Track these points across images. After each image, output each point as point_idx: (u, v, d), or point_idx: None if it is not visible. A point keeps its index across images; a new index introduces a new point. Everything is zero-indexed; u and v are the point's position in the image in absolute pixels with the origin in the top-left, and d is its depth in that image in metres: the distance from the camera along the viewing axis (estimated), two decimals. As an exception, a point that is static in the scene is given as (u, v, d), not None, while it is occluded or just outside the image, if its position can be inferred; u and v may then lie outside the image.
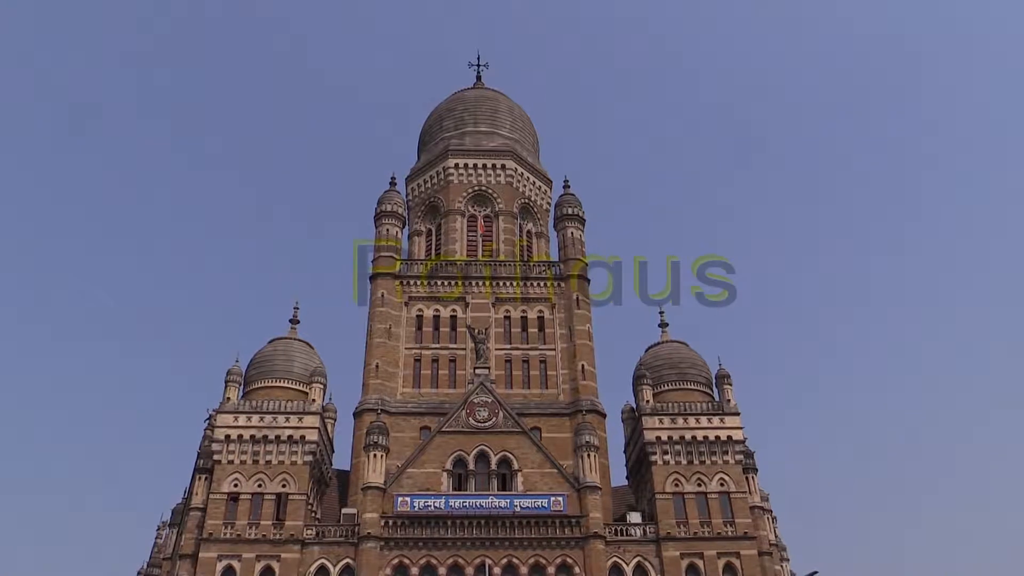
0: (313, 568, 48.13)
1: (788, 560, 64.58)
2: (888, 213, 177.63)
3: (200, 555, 48.18)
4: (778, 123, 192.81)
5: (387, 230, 64.78)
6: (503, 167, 70.87)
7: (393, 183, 69.32)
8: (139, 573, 69.69)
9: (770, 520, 59.34)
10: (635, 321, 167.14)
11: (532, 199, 71.98)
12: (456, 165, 70.80)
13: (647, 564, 49.25)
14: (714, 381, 56.77)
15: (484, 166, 70.77)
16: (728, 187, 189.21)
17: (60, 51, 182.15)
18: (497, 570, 46.99)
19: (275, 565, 47.81)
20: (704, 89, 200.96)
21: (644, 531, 50.57)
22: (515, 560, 48.15)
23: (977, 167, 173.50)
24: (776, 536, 60.71)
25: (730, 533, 50.33)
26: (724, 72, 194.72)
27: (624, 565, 49.06)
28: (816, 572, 43.09)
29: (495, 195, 69.68)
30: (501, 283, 62.48)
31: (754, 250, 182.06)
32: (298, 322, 60.07)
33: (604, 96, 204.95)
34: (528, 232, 70.88)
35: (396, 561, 48.04)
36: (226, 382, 53.63)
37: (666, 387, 56.21)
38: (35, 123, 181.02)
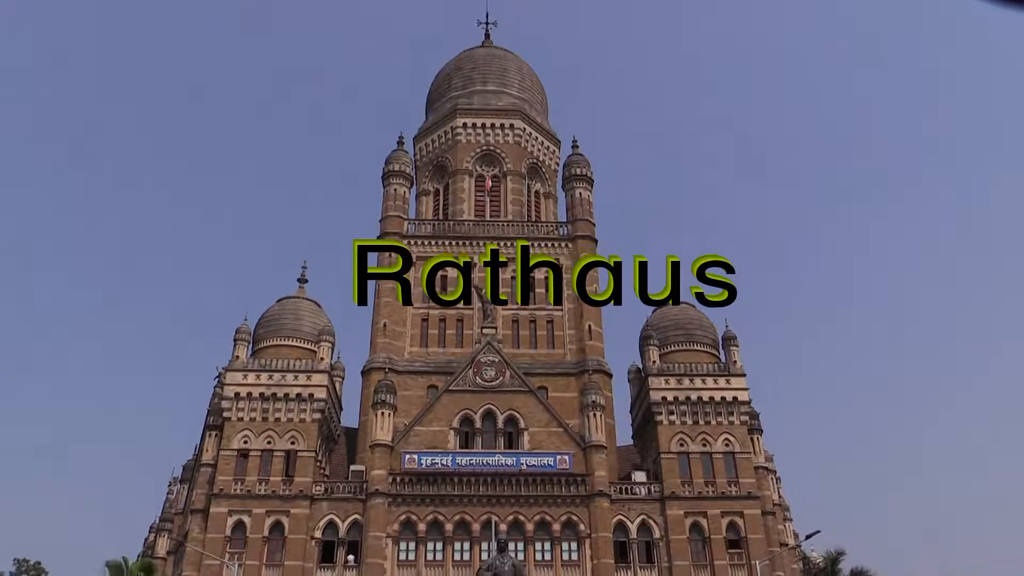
0: (322, 523, 48.94)
1: (791, 520, 65.22)
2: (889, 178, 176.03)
3: (211, 510, 49.02)
4: (795, 80, 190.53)
5: (395, 190, 64.59)
6: (511, 127, 70.35)
7: (401, 142, 68.98)
8: (151, 528, 70.88)
9: (774, 480, 59.84)
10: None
11: (540, 159, 71.56)
12: (464, 124, 70.32)
13: (651, 522, 49.87)
14: (720, 342, 56.91)
15: (492, 125, 70.26)
16: (737, 154, 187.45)
17: None
18: (503, 526, 47.64)
19: (285, 520, 48.62)
20: (714, 53, 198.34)
21: (649, 490, 51.14)
22: (521, 516, 48.82)
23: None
24: (780, 496, 61.24)
25: (734, 492, 50.83)
26: (735, 40, 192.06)
27: (628, 523, 49.69)
28: (819, 531, 43.56)
29: (503, 155, 69.29)
30: (509, 243, 62.40)
31: (766, 218, 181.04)
32: (306, 281, 60.36)
33: (614, 54, 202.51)
34: (536, 192, 70.58)
35: (403, 517, 48.78)
36: (235, 340, 54.07)
37: (673, 348, 56.39)
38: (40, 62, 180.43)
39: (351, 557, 48.13)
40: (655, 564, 49.00)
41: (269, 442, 50.84)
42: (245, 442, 50.77)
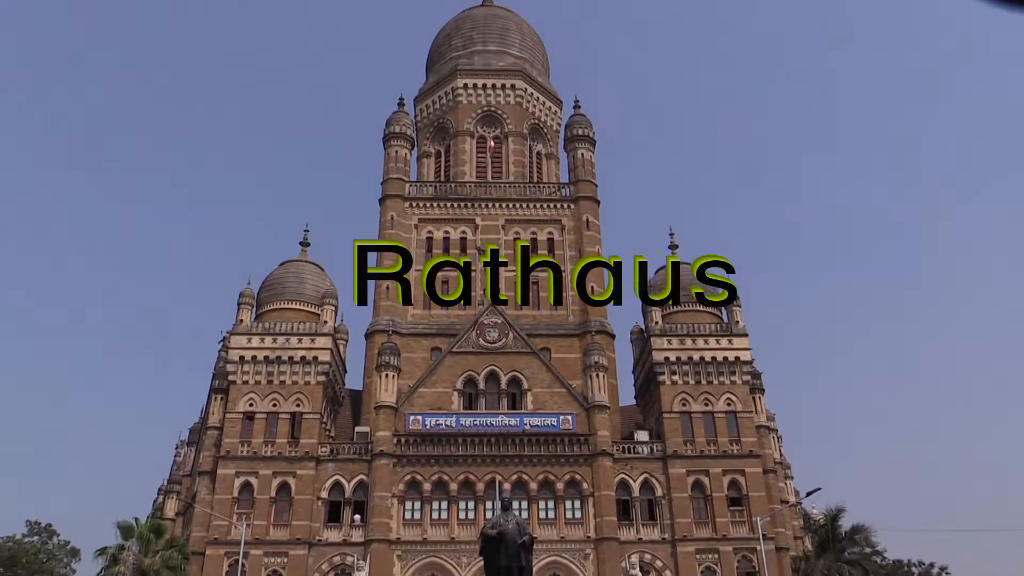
0: (328, 484, 49.51)
1: (792, 478, 65.88)
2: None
3: (218, 472, 49.59)
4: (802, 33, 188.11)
5: (396, 152, 64.22)
6: (513, 87, 69.72)
7: (401, 104, 68.42)
8: (160, 490, 71.72)
9: (775, 439, 60.35)
10: (645, 241, 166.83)
11: (542, 120, 71.04)
12: (465, 85, 69.69)
13: (654, 480, 50.42)
14: (723, 302, 56.90)
15: (493, 86, 69.63)
16: (743, 106, 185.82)
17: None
18: (507, 485, 48.18)
19: (291, 481, 49.19)
20: (721, 7, 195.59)
21: (651, 449, 51.61)
22: (525, 476, 49.35)
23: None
24: (781, 455, 61.81)
25: (736, 451, 51.30)
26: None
27: (631, 481, 50.23)
28: (819, 489, 44.03)
29: (504, 116, 68.76)
30: (511, 205, 62.21)
31: (771, 171, 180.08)
32: (308, 244, 60.34)
33: (617, 15, 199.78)
34: (538, 153, 70.18)
35: (408, 477, 49.33)
36: (238, 304, 54.26)
37: (675, 308, 56.45)
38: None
39: (357, 517, 48.78)
40: (657, 521, 49.63)
41: (274, 405, 51.24)
42: (251, 405, 51.18)
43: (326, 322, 54.27)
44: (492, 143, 67.68)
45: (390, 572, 46.85)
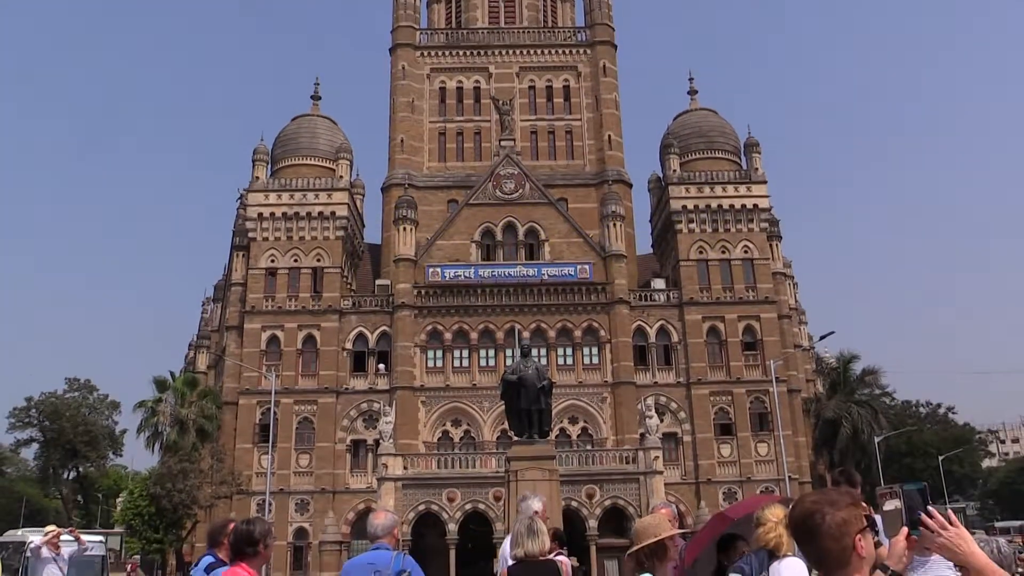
0: (352, 335, 50.91)
1: (806, 323, 66.77)
2: None
3: (245, 326, 50.98)
4: None
5: (404, -3, 61.63)
6: (524, -76, 65.85)
7: (409, -54, 65.00)
8: (190, 345, 73.96)
9: (791, 285, 60.77)
10: (664, 88, 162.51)
11: (556, -40, 67.49)
12: (474, -77, 65.85)
13: (670, 327, 51.38)
14: (742, 149, 56.03)
15: (504, -76, 65.74)
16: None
17: None
18: (526, 334, 49.29)
19: (316, 333, 50.58)
20: None
21: (668, 296, 52.28)
22: (543, 324, 50.41)
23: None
24: (796, 301, 62.41)
25: (751, 297, 51.86)
26: None
27: (648, 328, 51.23)
28: (832, 332, 44.87)
29: (517, -44, 65.29)
30: (525, 51, 60.23)
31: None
32: (320, 98, 59.22)
33: None
34: (552, -4, 67.10)
35: (430, 327, 50.56)
36: (253, 161, 54.00)
37: (693, 156, 55.62)
38: None
39: (382, 366, 50.42)
40: (673, 366, 50.95)
41: (295, 260, 51.95)
42: (272, 261, 51.91)
43: (342, 177, 54.10)
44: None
45: (415, 417, 48.88)
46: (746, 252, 52.71)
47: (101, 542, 28.77)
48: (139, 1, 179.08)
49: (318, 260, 52.07)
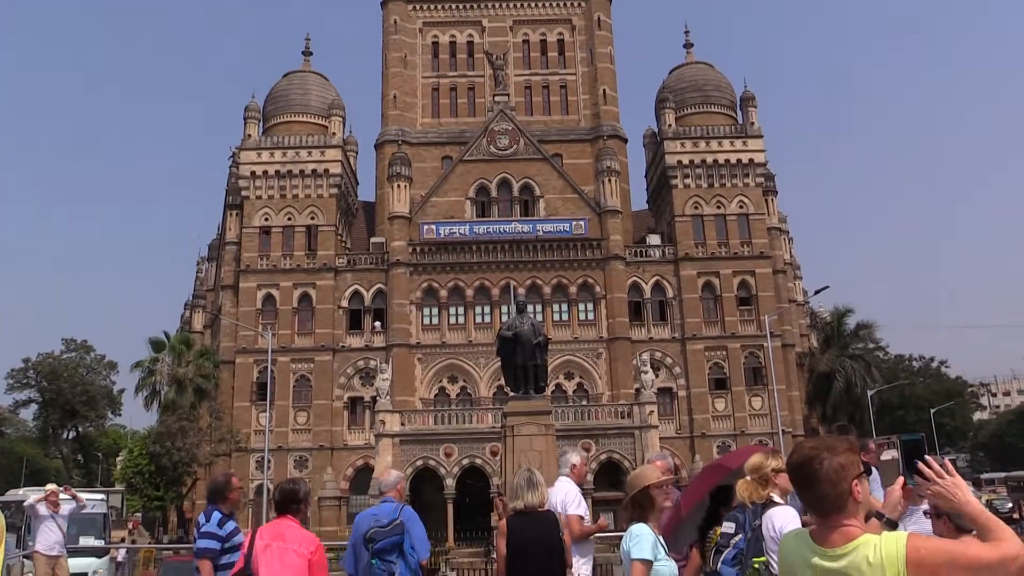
0: (347, 293, 50.93)
1: (801, 278, 66.93)
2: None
3: (240, 285, 50.93)
4: None
5: (395, -50, 60.46)
6: None
7: None
8: (186, 304, 73.92)
9: (786, 240, 60.77)
10: (659, 42, 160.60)
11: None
12: None
13: (665, 282, 51.47)
14: (739, 103, 55.58)
15: None
16: None
17: None
18: (521, 290, 49.31)
19: (311, 291, 50.57)
20: None
21: (663, 252, 52.29)
22: (538, 280, 50.46)
23: None
24: (791, 256, 62.46)
25: (746, 253, 51.88)
26: None
27: (643, 283, 51.32)
28: (827, 287, 44.92)
29: (509, -95, 63.93)
30: (518, 4, 59.29)
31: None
32: (311, 54, 58.46)
33: None
34: (546, -53, 65.89)
35: (425, 284, 50.58)
36: (245, 119, 53.44)
37: (689, 110, 55.17)
38: None
39: (378, 324, 50.51)
40: (668, 321, 51.13)
41: (289, 218, 51.71)
42: (266, 219, 51.68)
43: (335, 134, 53.62)
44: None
45: (412, 374, 49.12)
46: (741, 207, 52.60)
47: (103, 500, 29.05)
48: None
49: (312, 218, 51.85)
